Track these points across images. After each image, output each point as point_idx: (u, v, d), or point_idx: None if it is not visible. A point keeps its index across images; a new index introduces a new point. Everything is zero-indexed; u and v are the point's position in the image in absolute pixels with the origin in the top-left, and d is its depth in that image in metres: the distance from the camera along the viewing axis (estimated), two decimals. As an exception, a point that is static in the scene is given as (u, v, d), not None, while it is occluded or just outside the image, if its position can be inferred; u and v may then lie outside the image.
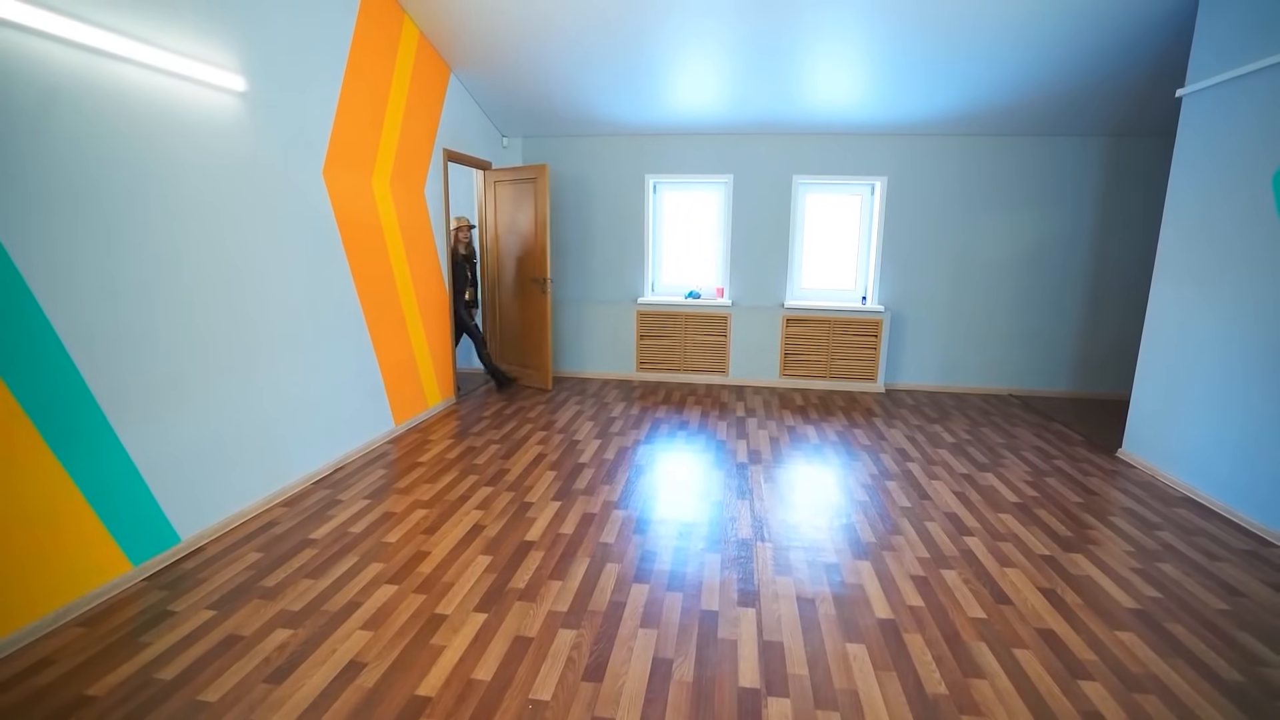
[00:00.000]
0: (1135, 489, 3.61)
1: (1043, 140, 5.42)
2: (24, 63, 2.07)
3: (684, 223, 6.15)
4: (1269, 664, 2.14)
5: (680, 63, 4.66)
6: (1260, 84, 3.19)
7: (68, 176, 2.20)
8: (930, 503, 3.39)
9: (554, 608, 2.40)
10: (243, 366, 3.02)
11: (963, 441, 4.43)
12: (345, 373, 3.80)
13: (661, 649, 2.17)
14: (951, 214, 5.62)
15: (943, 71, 4.52)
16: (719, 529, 3.06)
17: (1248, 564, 2.80)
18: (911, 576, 2.65)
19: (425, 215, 4.66)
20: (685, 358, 6.08)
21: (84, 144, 2.25)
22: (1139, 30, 3.89)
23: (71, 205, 2.22)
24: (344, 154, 3.66)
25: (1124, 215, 5.46)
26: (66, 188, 2.20)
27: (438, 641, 2.19)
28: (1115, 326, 5.57)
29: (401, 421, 4.43)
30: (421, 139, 4.54)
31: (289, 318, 3.32)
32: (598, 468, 3.84)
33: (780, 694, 1.96)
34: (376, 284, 4.07)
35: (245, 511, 3.04)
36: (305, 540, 2.86)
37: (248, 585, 2.50)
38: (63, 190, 2.19)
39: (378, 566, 2.67)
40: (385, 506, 3.23)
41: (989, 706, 1.92)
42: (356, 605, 2.39)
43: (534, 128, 5.86)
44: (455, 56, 4.69)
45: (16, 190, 2.06)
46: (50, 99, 2.14)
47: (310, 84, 3.35)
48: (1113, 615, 2.40)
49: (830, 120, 5.38)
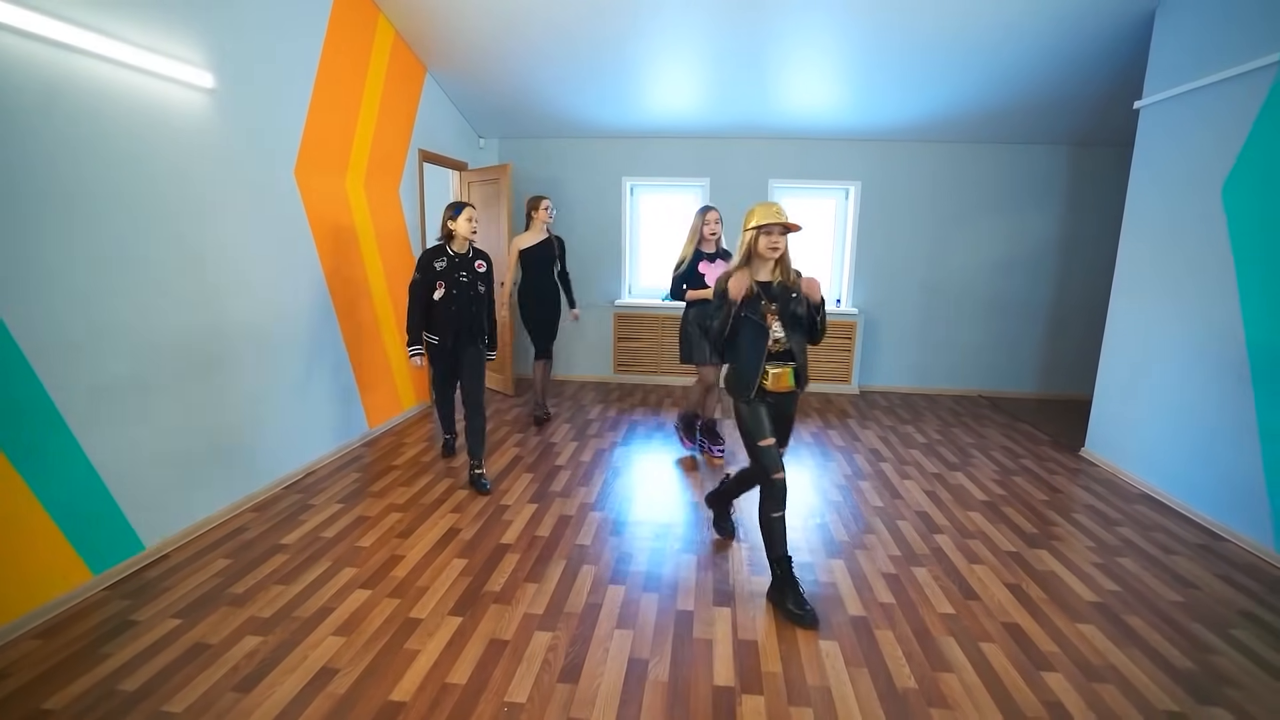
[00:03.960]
0: (1097, 486, 3.73)
1: (1010, 148, 5.56)
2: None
3: (661, 226, 6.17)
4: (1218, 651, 2.23)
5: (658, 66, 4.69)
6: (1209, 99, 3.32)
7: (29, 174, 2.14)
8: (902, 502, 3.46)
9: (530, 610, 2.39)
10: (211, 370, 2.96)
11: (934, 442, 4.53)
12: (318, 375, 3.74)
13: (637, 649, 2.18)
14: (923, 219, 5.74)
15: (914, 79, 4.61)
16: (695, 529, 3.08)
17: (1200, 557, 2.91)
18: (883, 574, 2.70)
19: (400, 216, 4.62)
20: (662, 360, 6.11)
21: (44, 141, 2.19)
22: (1100, 44, 4.02)
23: (30, 203, 2.16)
24: (316, 153, 3.61)
25: (1088, 222, 5.63)
26: (26, 185, 2.14)
27: (412, 646, 2.17)
28: (1080, 329, 5.73)
29: (376, 425, 4.38)
30: (396, 139, 4.50)
31: (259, 319, 3.26)
32: (574, 470, 3.84)
33: (754, 691, 1.98)
34: (350, 285, 4.02)
35: (213, 518, 2.98)
36: (276, 546, 2.81)
37: (215, 592, 2.44)
38: (22, 188, 2.13)
39: (351, 571, 2.63)
40: (359, 510, 3.19)
41: (956, 699, 1.96)
42: (329, 611, 2.35)
43: (511, 128, 5.84)
44: (431, 55, 4.66)
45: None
46: (9, 94, 2.08)
47: (281, 82, 3.30)
48: (1074, 608, 2.47)
49: (806, 125, 5.46)
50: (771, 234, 2.37)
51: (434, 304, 3.36)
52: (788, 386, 2.43)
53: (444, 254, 3.37)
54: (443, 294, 3.35)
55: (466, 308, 3.40)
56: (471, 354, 3.47)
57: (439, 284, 3.35)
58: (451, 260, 3.37)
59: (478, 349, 3.50)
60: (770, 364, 2.41)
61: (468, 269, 3.40)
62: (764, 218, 2.37)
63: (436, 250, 3.38)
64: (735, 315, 2.39)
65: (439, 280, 3.35)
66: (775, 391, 2.42)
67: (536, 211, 4.44)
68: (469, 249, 3.42)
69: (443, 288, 3.35)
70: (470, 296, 3.41)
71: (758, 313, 2.39)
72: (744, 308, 2.38)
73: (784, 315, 2.40)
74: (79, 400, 2.34)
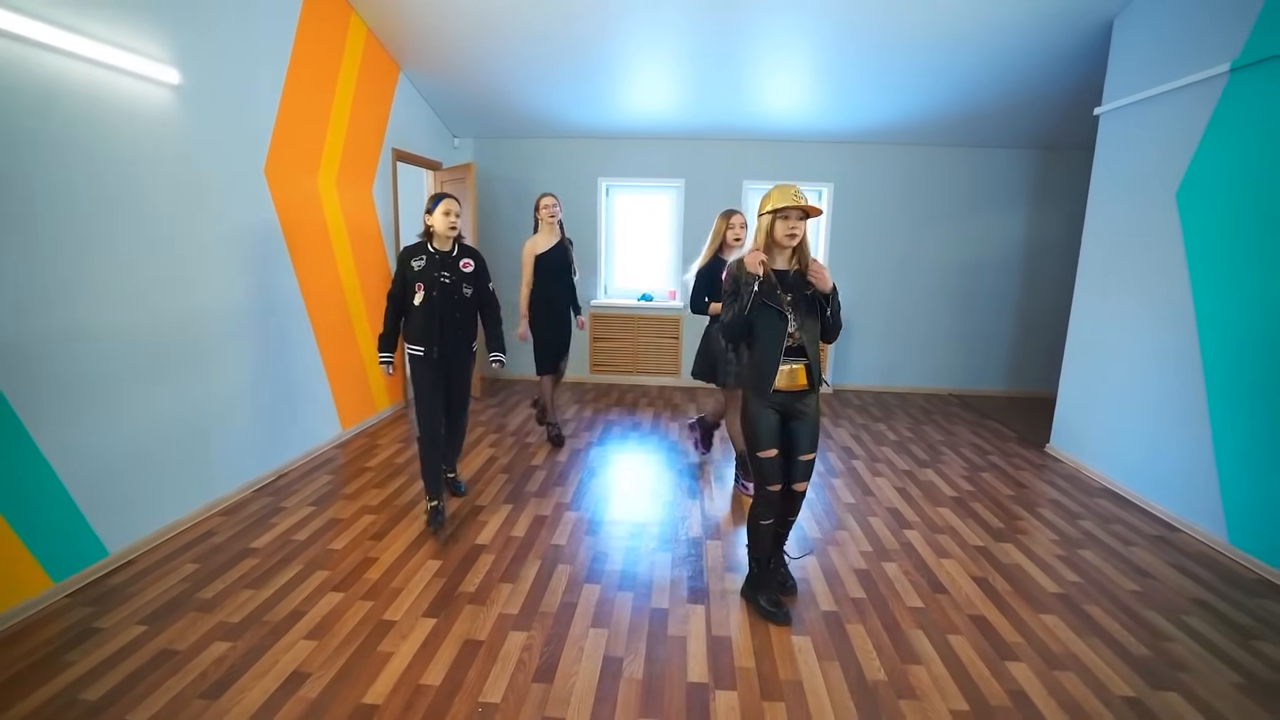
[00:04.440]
0: (1061, 481, 3.84)
1: (979, 151, 5.69)
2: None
3: (636, 226, 6.20)
4: (1172, 638, 2.32)
5: (633, 66, 4.70)
6: (1164, 106, 3.44)
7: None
8: (874, 498, 3.52)
9: (505, 610, 2.39)
10: (178, 370, 2.90)
11: (905, 439, 4.61)
12: (289, 377, 3.68)
13: (612, 648, 2.19)
14: (895, 220, 5.84)
15: (885, 82, 4.70)
16: (670, 528, 3.10)
17: (1157, 547, 3.02)
18: (855, 570, 2.75)
19: (373, 215, 4.57)
20: (638, 360, 6.12)
21: (3, 136, 2.13)
22: (1062, 52, 4.14)
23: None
24: (287, 152, 3.55)
25: (1053, 224, 5.79)
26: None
27: (385, 648, 2.15)
28: (1046, 329, 5.88)
29: (349, 426, 4.32)
30: (369, 138, 4.45)
31: (228, 319, 3.20)
32: (550, 470, 3.84)
33: (727, 687, 2.01)
34: (322, 285, 3.97)
35: (181, 521, 2.92)
36: (245, 549, 2.77)
37: (183, 598, 2.40)
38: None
39: (323, 574, 2.60)
40: (331, 513, 3.15)
41: (925, 690, 2.01)
42: (300, 614, 2.33)
43: (486, 128, 5.81)
44: (404, 54, 4.62)
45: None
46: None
47: (250, 79, 3.25)
48: (1038, 600, 2.54)
49: (780, 127, 5.52)
50: (789, 219, 2.19)
51: (413, 309, 2.95)
52: (801, 385, 2.27)
53: (423, 252, 2.95)
54: (422, 297, 2.93)
55: (450, 313, 2.96)
56: (461, 364, 3.10)
57: (417, 286, 2.93)
58: (432, 259, 2.94)
59: (468, 358, 3.13)
60: (783, 360, 2.26)
61: (450, 269, 2.96)
62: (781, 200, 2.19)
63: (414, 248, 2.97)
64: (753, 300, 2.21)
65: (417, 282, 2.93)
66: (788, 390, 2.28)
67: (539, 211, 3.99)
68: (454, 246, 2.98)
69: (421, 290, 2.92)
70: (455, 300, 2.97)
71: (776, 300, 2.22)
72: (762, 293, 2.22)
73: (800, 306, 2.24)
74: (38, 401, 2.28)
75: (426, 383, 3.00)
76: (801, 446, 2.32)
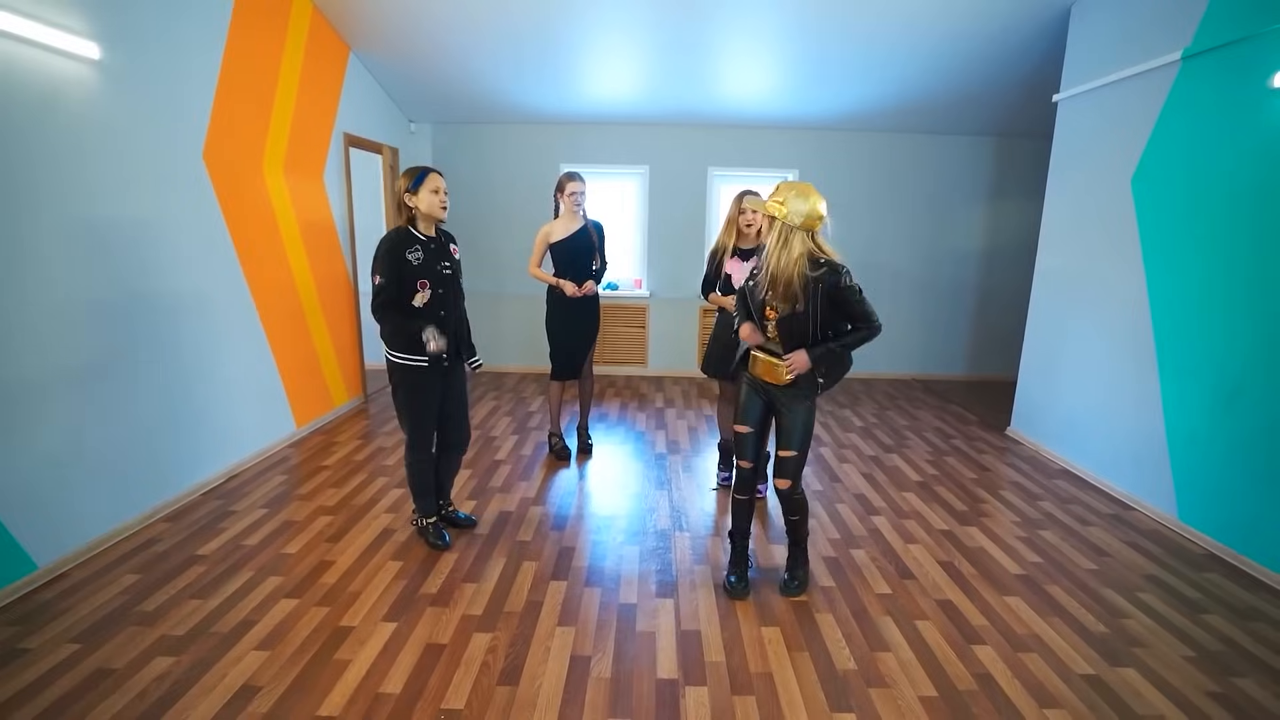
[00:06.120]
0: (1021, 464, 3.92)
1: (939, 138, 5.74)
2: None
3: (601, 213, 6.07)
4: (1128, 615, 2.37)
5: (597, 50, 4.59)
6: (1120, 93, 3.50)
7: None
8: (840, 485, 3.53)
9: (468, 611, 2.31)
10: (114, 367, 2.72)
11: (870, 425, 4.66)
12: (237, 373, 3.51)
13: (579, 646, 2.14)
14: (859, 207, 5.87)
15: (846, 69, 4.68)
16: (638, 521, 3.06)
17: (1112, 526, 3.10)
18: (823, 558, 2.74)
19: (325, 203, 4.38)
20: (604, 349, 6.05)
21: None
22: (1020, 38, 4.17)
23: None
24: (227, 136, 3.36)
25: (1012, 210, 5.89)
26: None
27: (342, 656, 2.06)
28: (1006, 313, 5.98)
29: (304, 424, 4.16)
30: (318, 122, 4.25)
31: (167, 312, 3.02)
32: (515, 464, 3.75)
33: (698, 682, 1.98)
34: (271, 277, 3.78)
35: (120, 530, 2.75)
36: (191, 557, 2.63)
37: (121, 612, 2.25)
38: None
39: (276, 580, 2.48)
40: (285, 515, 3.02)
41: (894, 677, 2.01)
42: (251, 624, 2.21)
43: (443, 113, 5.63)
44: (354, 35, 4.41)
45: None
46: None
47: (182, 56, 3.04)
48: (1001, 582, 2.58)
49: (745, 113, 5.47)
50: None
51: (414, 313, 2.46)
52: (776, 380, 2.24)
53: (414, 241, 2.44)
54: (429, 297, 2.46)
55: (453, 309, 2.58)
56: (460, 374, 2.72)
57: (420, 284, 2.44)
58: (428, 248, 2.46)
59: (464, 366, 2.75)
60: (763, 351, 2.29)
61: (446, 257, 2.54)
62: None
63: (403, 238, 2.43)
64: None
65: (420, 279, 2.43)
66: (766, 380, 2.29)
67: (562, 195, 3.46)
68: (435, 229, 2.55)
69: (427, 288, 2.45)
70: (457, 294, 2.61)
71: (761, 313, 2.26)
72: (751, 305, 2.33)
73: (786, 327, 2.20)
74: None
75: (429, 396, 2.58)
76: (780, 442, 2.33)
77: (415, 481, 2.73)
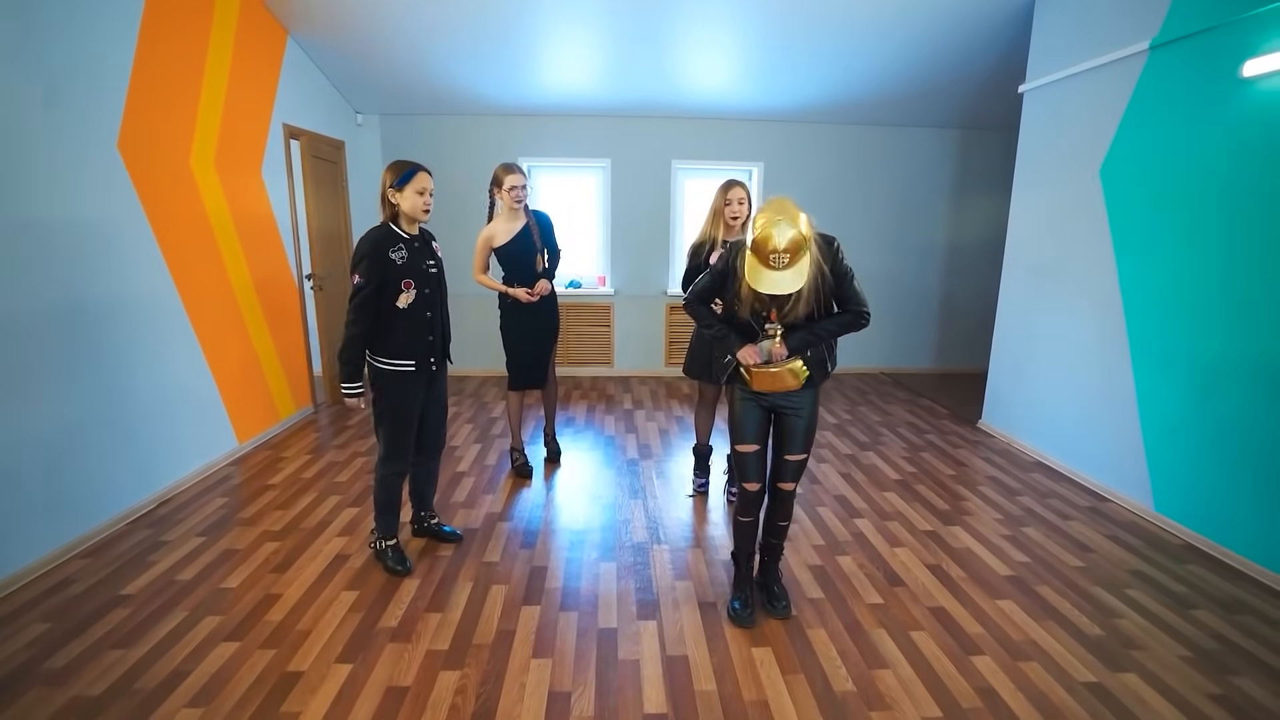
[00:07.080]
0: (996, 457, 3.89)
1: (905, 131, 5.71)
2: None
3: (562, 209, 5.87)
4: (1120, 615, 2.32)
5: (555, 38, 4.37)
6: (1087, 83, 3.48)
7: None
8: (820, 487, 3.43)
9: (433, 646, 2.10)
10: (15, 381, 2.39)
11: (844, 422, 4.59)
12: (166, 387, 3.18)
13: (558, 681, 1.96)
14: (825, 200, 5.79)
15: (809, 60, 4.59)
16: (613, 534, 2.89)
17: (1092, 519, 3.07)
18: (809, 566, 2.63)
19: (265, 199, 4.05)
20: (568, 350, 5.85)
21: None
22: (984, 29, 4.14)
23: None
24: (146, 125, 3.03)
25: (978, 203, 5.92)
26: None
27: (290, 708, 1.83)
28: (972, 305, 6.03)
29: (247, 439, 3.84)
30: (253, 112, 3.92)
31: (79, 318, 2.69)
32: (478, 475, 3.53)
33: (689, 716, 1.82)
34: (204, 279, 3.46)
35: (26, 572, 2.43)
36: (114, 598, 2.33)
37: (26, 669, 1.96)
38: None
39: (213, 620, 2.22)
40: (225, 543, 2.74)
41: (894, 697, 1.90)
42: (183, 675, 1.95)
43: (393, 104, 5.31)
44: (292, 18, 4.09)
45: None
46: None
47: (86, 37, 2.70)
48: (992, 585, 2.50)
49: (708, 105, 5.33)
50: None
51: (397, 314, 2.35)
52: (787, 388, 2.08)
53: (398, 240, 2.33)
54: (414, 297, 2.35)
55: (440, 310, 2.49)
56: (442, 379, 2.62)
57: (405, 285, 2.33)
58: (411, 246, 2.36)
59: (445, 370, 2.65)
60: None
61: (431, 255, 2.45)
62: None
63: (385, 236, 2.31)
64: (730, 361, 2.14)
65: (404, 279, 2.32)
66: (767, 391, 2.09)
67: (500, 191, 3.11)
68: (418, 227, 2.44)
69: (412, 289, 2.34)
70: (442, 295, 2.51)
71: (759, 321, 2.08)
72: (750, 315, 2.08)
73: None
74: None
75: (411, 403, 2.45)
76: (786, 446, 2.16)
77: (383, 497, 2.53)
